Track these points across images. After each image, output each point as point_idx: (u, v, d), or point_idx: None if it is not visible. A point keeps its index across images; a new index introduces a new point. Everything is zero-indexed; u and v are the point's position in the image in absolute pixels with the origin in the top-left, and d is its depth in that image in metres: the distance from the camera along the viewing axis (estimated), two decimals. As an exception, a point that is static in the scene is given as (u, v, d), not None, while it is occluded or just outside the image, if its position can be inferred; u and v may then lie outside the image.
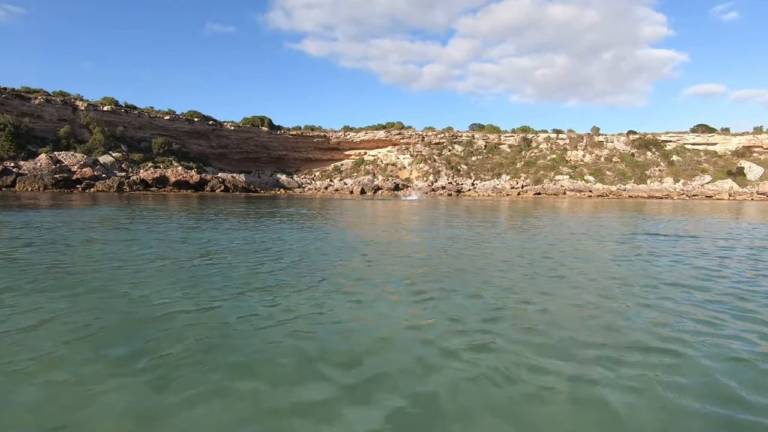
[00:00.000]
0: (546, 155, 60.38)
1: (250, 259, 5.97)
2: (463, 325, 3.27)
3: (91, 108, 45.63)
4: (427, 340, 2.96)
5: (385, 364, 2.59)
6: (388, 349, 2.84)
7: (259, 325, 3.22)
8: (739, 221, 15.20)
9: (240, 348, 2.78)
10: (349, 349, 2.82)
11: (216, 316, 3.39)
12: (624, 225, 13.00)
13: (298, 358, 2.66)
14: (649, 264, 6.10)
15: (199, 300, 3.83)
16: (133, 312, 3.46)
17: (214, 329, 3.10)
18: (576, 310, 3.73)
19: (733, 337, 3.13)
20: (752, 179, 51.91)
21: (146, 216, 13.08)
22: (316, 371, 2.49)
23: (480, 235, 9.45)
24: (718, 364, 2.66)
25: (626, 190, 51.71)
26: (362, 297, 4.05)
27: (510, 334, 3.10)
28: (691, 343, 2.99)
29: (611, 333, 3.17)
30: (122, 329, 3.09)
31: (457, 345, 2.87)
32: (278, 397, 2.21)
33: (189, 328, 3.11)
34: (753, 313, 3.73)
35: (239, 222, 11.70)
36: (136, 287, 4.21)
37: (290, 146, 63.59)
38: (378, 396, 2.23)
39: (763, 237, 9.98)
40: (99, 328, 3.09)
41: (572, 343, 2.96)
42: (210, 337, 2.96)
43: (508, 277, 5.07)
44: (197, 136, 55.73)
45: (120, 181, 37.49)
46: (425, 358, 2.68)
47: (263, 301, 3.83)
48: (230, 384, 2.32)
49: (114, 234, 8.54)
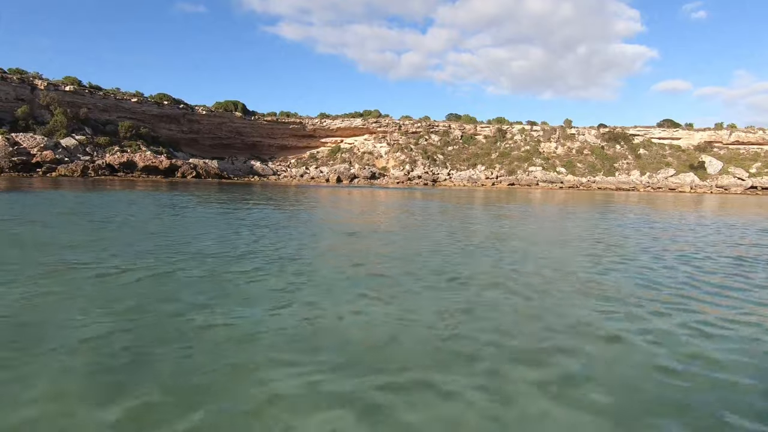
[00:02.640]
0: (520, 147, 61.41)
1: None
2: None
3: (52, 88, 43.18)
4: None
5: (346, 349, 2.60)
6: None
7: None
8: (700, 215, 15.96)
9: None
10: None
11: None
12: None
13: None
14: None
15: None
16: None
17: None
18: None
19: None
20: (712, 173, 54.49)
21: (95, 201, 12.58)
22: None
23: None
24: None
25: (596, 182, 53.33)
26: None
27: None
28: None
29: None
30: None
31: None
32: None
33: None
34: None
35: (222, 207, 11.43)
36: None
37: (265, 133, 62.23)
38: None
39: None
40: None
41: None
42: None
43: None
44: (167, 120, 53.73)
45: (84, 166, 35.83)
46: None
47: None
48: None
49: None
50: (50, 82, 43.69)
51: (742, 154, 57.70)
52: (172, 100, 53.74)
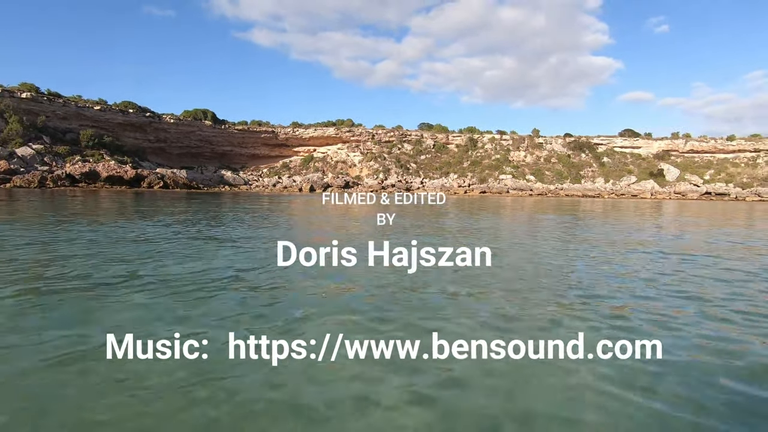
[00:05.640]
0: (491, 155, 62.84)
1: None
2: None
3: (7, 94, 41.09)
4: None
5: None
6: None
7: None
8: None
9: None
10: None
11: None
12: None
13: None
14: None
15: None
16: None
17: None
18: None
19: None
20: (670, 180, 57.40)
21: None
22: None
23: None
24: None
25: (563, 189, 55.09)
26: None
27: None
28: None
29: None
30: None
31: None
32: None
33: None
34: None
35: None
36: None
37: (236, 141, 61.19)
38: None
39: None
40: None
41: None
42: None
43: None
44: (132, 128, 52.00)
45: (42, 176, 34.06)
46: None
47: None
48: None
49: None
50: (5, 88, 41.60)
51: (696, 162, 61.12)
52: (138, 108, 52.13)
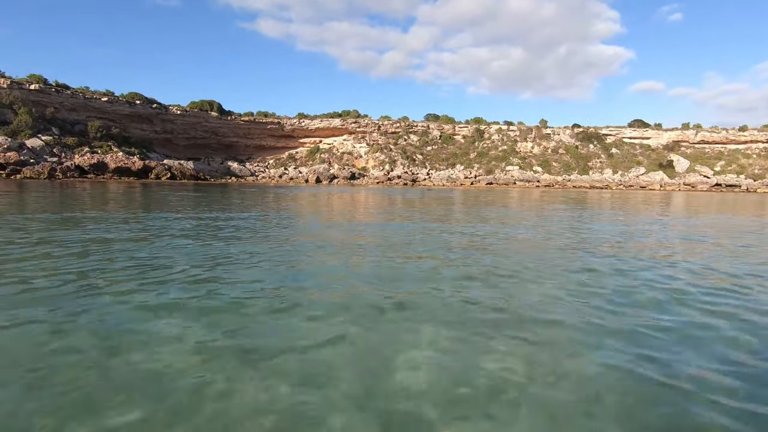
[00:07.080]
0: (498, 146, 62.33)
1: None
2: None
3: (15, 86, 41.36)
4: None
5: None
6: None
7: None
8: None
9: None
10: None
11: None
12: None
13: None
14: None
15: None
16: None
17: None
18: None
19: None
20: (680, 171, 56.65)
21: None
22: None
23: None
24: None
25: (570, 181, 54.61)
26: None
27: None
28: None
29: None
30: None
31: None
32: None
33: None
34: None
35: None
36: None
37: (242, 133, 61.23)
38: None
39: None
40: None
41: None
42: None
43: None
44: (139, 120, 52.21)
45: (52, 167, 34.42)
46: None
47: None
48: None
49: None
50: (13, 80, 41.85)
51: (707, 153, 60.23)
52: (145, 99, 52.26)
